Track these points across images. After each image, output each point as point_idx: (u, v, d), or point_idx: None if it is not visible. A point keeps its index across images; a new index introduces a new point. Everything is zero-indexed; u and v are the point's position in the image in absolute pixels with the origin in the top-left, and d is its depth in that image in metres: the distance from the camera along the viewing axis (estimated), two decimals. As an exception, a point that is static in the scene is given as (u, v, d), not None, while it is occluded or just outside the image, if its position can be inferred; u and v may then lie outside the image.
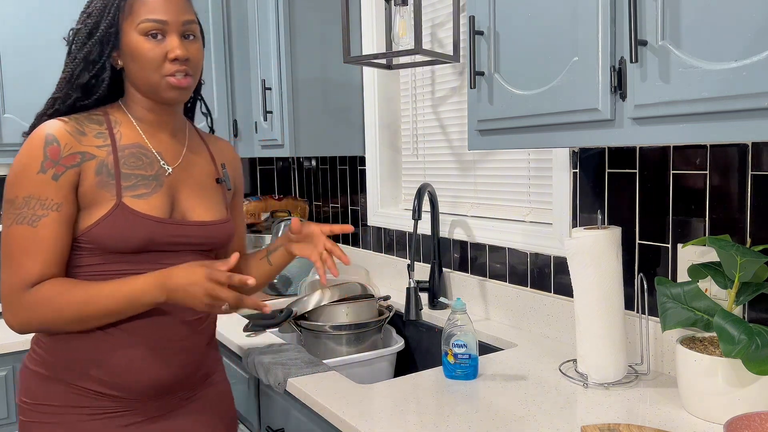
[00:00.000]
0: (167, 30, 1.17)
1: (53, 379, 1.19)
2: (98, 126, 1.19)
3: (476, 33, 1.30)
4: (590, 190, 1.52)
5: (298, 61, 2.19)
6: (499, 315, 1.80)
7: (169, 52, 1.17)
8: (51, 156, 1.12)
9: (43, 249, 1.12)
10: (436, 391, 1.30)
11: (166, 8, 1.17)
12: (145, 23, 1.15)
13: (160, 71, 1.17)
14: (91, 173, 1.15)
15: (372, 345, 1.83)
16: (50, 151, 1.12)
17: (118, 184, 1.16)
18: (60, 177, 1.12)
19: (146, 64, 1.17)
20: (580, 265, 1.30)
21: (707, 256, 1.27)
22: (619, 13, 1.02)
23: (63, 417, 1.19)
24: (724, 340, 1.04)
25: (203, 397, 1.33)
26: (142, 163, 1.21)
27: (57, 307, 1.11)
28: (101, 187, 1.15)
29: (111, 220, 1.14)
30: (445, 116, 2.07)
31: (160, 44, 1.17)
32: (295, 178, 2.99)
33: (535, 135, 1.21)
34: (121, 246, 1.15)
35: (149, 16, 1.16)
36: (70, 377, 1.19)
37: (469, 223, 1.90)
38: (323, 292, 1.83)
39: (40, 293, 1.11)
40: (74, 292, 1.12)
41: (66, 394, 1.19)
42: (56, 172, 1.12)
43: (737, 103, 0.86)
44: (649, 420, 1.14)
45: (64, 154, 1.13)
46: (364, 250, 2.43)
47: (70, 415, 1.19)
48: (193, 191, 1.27)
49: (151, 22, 1.16)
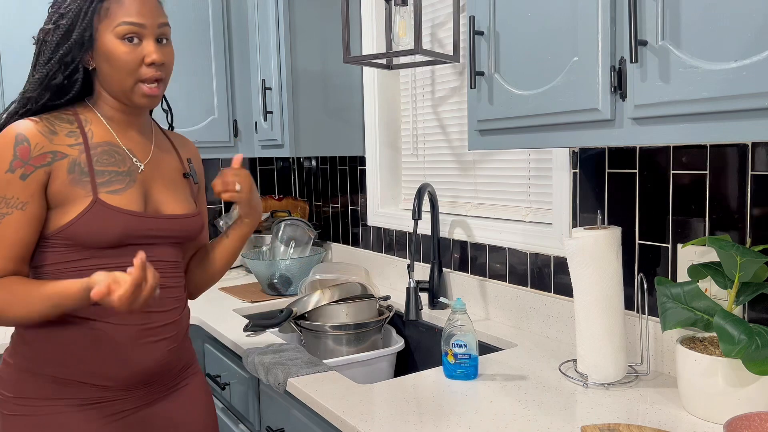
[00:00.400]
0: (144, 34, 1.17)
1: (37, 373, 1.20)
2: (69, 125, 1.20)
3: (476, 33, 1.30)
4: (590, 190, 1.52)
5: (298, 61, 2.19)
6: (499, 315, 1.81)
7: (145, 57, 1.17)
8: (20, 155, 1.13)
9: (4, 245, 1.13)
10: (436, 391, 1.30)
11: (143, 11, 1.17)
12: (122, 26, 1.16)
13: (135, 75, 1.18)
14: (63, 172, 1.16)
15: (372, 345, 1.83)
16: (20, 151, 1.13)
17: (93, 181, 1.17)
18: (28, 176, 1.13)
19: (122, 67, 1.17)
20: (580, 265, 1.30)
21: (707, 256, 1.27)
22: (619, 13, 1.02)
23: (48, 408, 1.20)
24: (724, 340, 1.04)
25: (185, 386, 1.35)
26: (115, 160, 1.22)
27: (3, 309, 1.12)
28: (75, 185, 1.16)
29: (89, 216, 1.15)
30: (445, 116, 2.07)
31: (136, 48, 1.17)
32: (295, 178, 2.99)
33: (535, 135, 1.21)
34: (100, 241, 1.17)
35: (126, 18, 1.16)
36: (55, 370, 1.19)
37: (469, 223, 1.90)
38: (323, 292, 1.83)
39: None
40: (19, 297, 1.12)
41: (51, 386, 1.20)
42: (24, 172, 1.13)
43: (737, 103, 0.86)
44: (649, 420, 1.14)
45: (34, 153, 1.14)
46: (364, 250, 2.43)
47: (56, 406, 1.20)
48: (165, 186, 1.29)
49: (128, 25, 1.16)
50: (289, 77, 2.18)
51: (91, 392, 1.21)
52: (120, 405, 1.24)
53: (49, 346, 1.19)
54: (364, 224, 2.43)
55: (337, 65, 2.28)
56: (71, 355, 1.19)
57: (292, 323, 1.86)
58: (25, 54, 2.10)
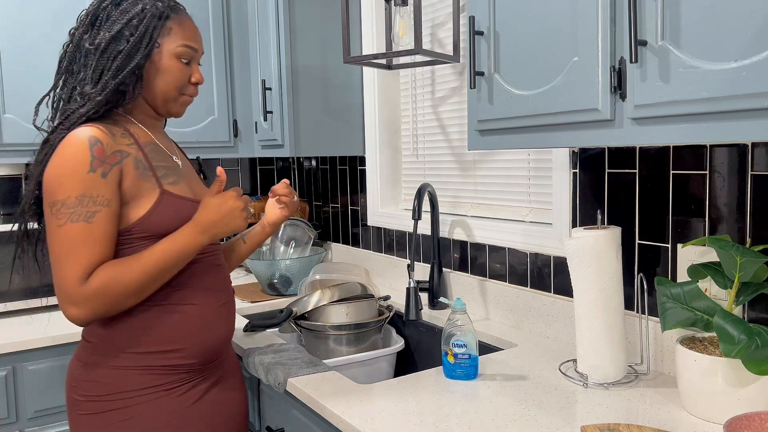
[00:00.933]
0: (194, 57, 1.34)
1: (127, 366, 1.27)
2: (118, 128, 1.28)
3: (476, 33, 1.30)
4: (590, 190, 1.52)
5: (298, 61, 2.19)
6: (499, 315, 1.81)
7: (192, 77, 1.35)
8: (98, 155, 1.20)
9: (99, 242, 1.20)
10: (436, 391, 1.30)
11: (197, 38, 1.35)
12: (182, 48, 1.31)
13: (181, 90, 1.34)
14: (131, 168, 1.25)
15: (372, 345, 1.83)
16: (96, 151, 1.20)
17: (155, 175, 1.28)
18: (108, 174, 1.21)
19: (174, 82, 1.32)
20: (580, 265, 1.30)
21: (707, 256, 1.27)
22: (619, 13, 1.02)
23: (142, 398, 1.28)
24: (724, 340, 1.04)
25: (231, 358, 1.47)
26: (162, 156, 1.34)
27: (119, 284, 1.19)
28: (142, 180, 1.26)
29: (162, 206, 1.26)
30: (445, 116, 2.07)
31: (186, 68, 1.33)
32: (295, 178, 2.99)
33: (535, 135, 1.21)
34: (172, 228, 1.27)
35: (187, 42, 1.32)
36: (142, 360, 1.28)
37: (469, 223, 1.90)
38: (323, 292, 1.83)
39: (98, 280, 1.18)
40: (128, 265, 1.21)
41: (140, 377, 1.28)
42: (104, 170, 1.20)
43: (737, 103, 0.86)
44: (648, 420, 1.14)
45: (108, 152, 1.21)
46: (364, 250, 2.43)
47: (148, 395, 1.28)
48: (194, 180, 1.42)
49: (187, 48, 1.32)
50: (289, 77, 2.18)
51: (178, 375, 1.31)
52: (201, 383, 1.35)
53: (140, 337, 1.27)
54: (364, 224, 2.43)
55: (337, 65, 2.28)
56: (163, 340, 1.28)
57: (292, 323, 1.86)
58: (24, 54, 2.10)
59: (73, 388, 1.31)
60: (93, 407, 1.28)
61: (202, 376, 1.36)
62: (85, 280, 1.18)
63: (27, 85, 2.11)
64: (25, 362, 1.82)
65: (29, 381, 1.83)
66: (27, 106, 2.11)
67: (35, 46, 2.12)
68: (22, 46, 2.10)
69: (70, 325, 1.93)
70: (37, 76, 2.12)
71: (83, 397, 1.29)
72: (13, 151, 2.12)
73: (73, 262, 1.17)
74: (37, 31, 2.12)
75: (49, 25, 2.13)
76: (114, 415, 1.27)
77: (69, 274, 1.17)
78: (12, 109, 2.10)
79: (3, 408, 1.80)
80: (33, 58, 2.11)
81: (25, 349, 1.81)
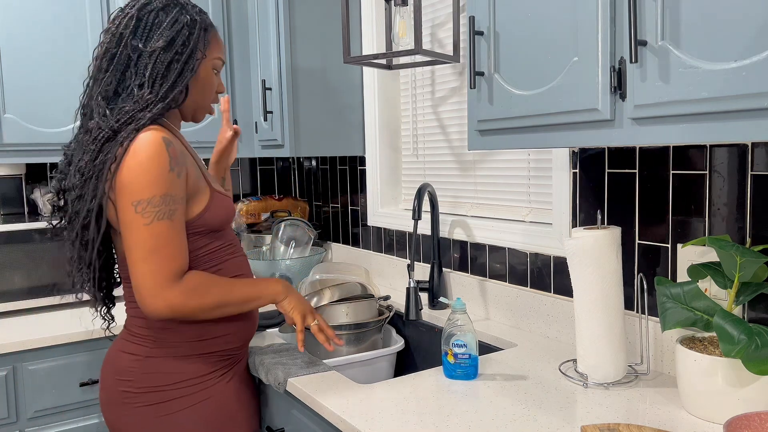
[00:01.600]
0: (221, 69, 1.43)
1: (185, 356, 1.37)
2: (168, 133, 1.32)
3: (476, 33, 1.30)
4: (590, 190, 1.52)
5: (298, 61, 2.19)
6: (499, 315, 1.81)
7: (218, 87, 1.43)
8: (173, 156, 1.27)
9: (182, 238, 1.28)
10: (436, 391, 1.30)
11: (224, 50, 1.45)
12: (217, 61, 1.40)
13: (212, 99, 1.43)
14: (193, 169, 1.34)
15: (372, 345, 1.83)
16: (172, 152, 1.26)
17: (204, 175, 1.39)
18: (181, 174, 1.29)
19: (210, 92, 1.41)
20: (580, 265, 1.30)
21: (707, 256, 1.27)
22: (619, 13, 1.02)
23: (200, 386, 1.38)
24: (724, 340, 1.04)
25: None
26: (197, 159, 1.42)
27: (205, 293, 1.28)
28: (198, 179, 1.35)
29: (215, 204, 1.37)
30: (445, 116, 2.07)
31: (217, 78, 1.43)
32: (295, 178, 2.99)
33: (535, 135, 1.21)
34: (221, 224, 1.39)
35: (221, 55, 1.41)
36: (199, 347, 1.37)
37: (469, 223, 1.90)
38: (323, 292, 1.83)
39: (191, 281, 1.27)
40: (217, 281, 1.32)
41: (197, 364, 1.37)
42: (179, 171, 1.28)
43: (737, 103, 0.86)
44: (648, 420, 1.14)
45: (178, 153, 1.28)
46: (364, 250, 2.43)
47: (206, 381, 1.39)
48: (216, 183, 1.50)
49: (220, 61, 1.41)
50: (289, 77, 2.18)
51: (225, 362, 1.43)
52: (236, 367, 1.46)
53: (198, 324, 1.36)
54: (364, 224, 2.43)
55: (337, 65, 2.28)
56: (217, 326, 1.38)
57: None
58: (25, 54, 2.10)
59: (125, 382, 1.36)
60: (154, 398, 1.35)
61: (238, 361, 1.48)
62: (181, 277, 1.26)
63: (27, 85, 2.11)
64: (25, 362, 1.82)
65: (29, 381, 1.83)
66: (27, 106, 2.12)
67: (35, 46, 2.12)
68: (23, 45, 2.10)
69: (70, 325, 1.93)
70: (38, 76, 2.12)
71: (143, 389, 1.35)
72: (13, 151, 2.12)
73: (164, 257, 1.24)
74: (37, 30, 2.12)
75: (49, 25, 2.13)
76: (176, 404, 1.35)
77: (156, 269, 1.23)
78: (12, 109, 2.10)
79: (3, 408, 1.80)
80: (33, 58, 2.11)
81: (25, 349, 1.81)
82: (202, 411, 1.38)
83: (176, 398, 1.36)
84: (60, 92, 2.16)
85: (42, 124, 2.14)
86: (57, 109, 2.16)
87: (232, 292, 1.33)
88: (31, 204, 2.46)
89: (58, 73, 2.16)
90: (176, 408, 1.36)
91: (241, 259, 1.48)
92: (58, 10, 2.14)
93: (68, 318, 2.01)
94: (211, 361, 1.40)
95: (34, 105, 2.13)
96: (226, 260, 1.42)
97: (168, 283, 1.24)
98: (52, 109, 2.15)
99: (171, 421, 1.36)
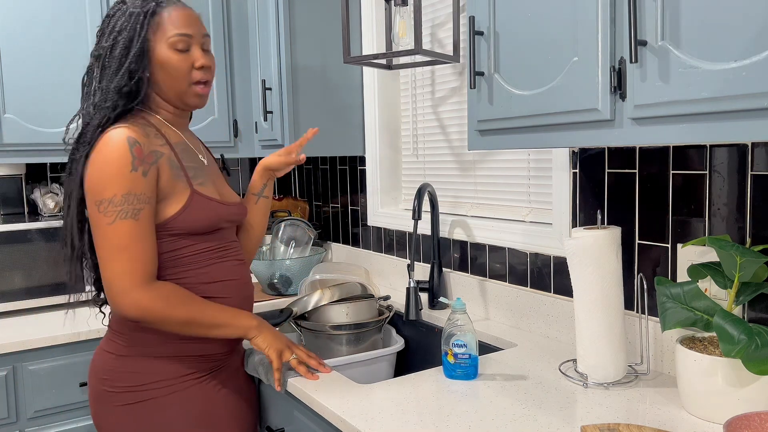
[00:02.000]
0: (191, 42, 1.35)
1: (159, 356, 1.35)
2: (150, 128, 1.34)
3: (476, 33, 1.30)
4: (590, 190, 1.52)
5: (298, 61, 2.19)
6: (499, 315, 1.81)
7: (195, 62, 1.35)
8: (137, 155, 1.26)
9: (148, 237, 1.27)
10: (436, 391, 1.30)
11: (189, 23, 1.34)
12: (174, 38, 1.32)
13: (188, 79, 1.35)
14: (166, 167, 1.31)
15: (372, 345, 1.83)
16: (136, 151, 1.26)
17: (186, 175, 1.34)
18: (147, 173, 1.27)
19: (176, 73, 1.33)
20: (580, 265, 1.30)
21: (707, 256, 1.27)
22: (619, 13, 1.02)
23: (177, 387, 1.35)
24: (724, 340, 1.04)
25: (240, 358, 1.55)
26: (191, 156, 1.39)
27: (176, 305, 1.27)
28: (176, 179, 1.32)
29: (192, 206, 1.32)
30: (445, 116, 2.07)
31: (186, 56, 1.34)
32: (295, 178, 2.99)
33: (535, 135, 1.21)
34: (202, 227, 1.35)
35: (177, 31, 1.32)
36: (177, 348, 1.35)
37: (469, 223, 1.90)
38: (323, 292, 1.83)
39: (164, 289, 1.28)
40: (192, 298, 1.30)
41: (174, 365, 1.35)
42: (144, 169, 1.26)
43: (737, 103, 0.86)
44: (648, 420, 1.14)
45: (146, 152, 1.28)
46: (364, 250, 2.43)
47: (184, 383, 1.36)
48: (219, 178, 1.48)
49: (179, 36, 1.33)
50: (289, 77, 2.18)
51: (207, 364, 1.39)
52: (223, 372, 1.43)
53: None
54: (364, 224, 2.43)
55: (337, 65, 2.28)
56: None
57: (292, 323, 1.86)
58: (25, 54, 2.10)
59: (104, 381, 1.36)
60: (130, 398, 1.33)
61: (225, 364, 1.44)
62: (152, 278, 1.27)
63: (27, 85, 2.11)
64: (25, 362, 1.82)
65: (29, 381, 1.83)
66: (27, 106, 2.12)
67: (35, 46, 2.12)
68: (23, 45, 2.10)
69: (70, 325, 1.93)
70: (38, 76, 2.13)
71: (119, 389, 1.34)
72: (13, 151, 2.12)
73: (128, 257, 1.24)
74: (37, 30, 2.12)
75: (49, 24, 2.13)
76: (152, 404, 1.33)
77: (125, 268, 1.24)
78: (12, 109, 2.10)
79: (3, 408, 1.80)
80: (33, 58, 2.12)
81: (25, 349, 1.81)
82: (177, 413, 1.35)
83: (151, 399, 1.34)
84: (60, 92, 2.16)
85: (42, 124, 2.14)
86: (57, 109, 2.16)
87: (203, 312, 1.30)
88: (31, 204, 2.46)
89: (58, 73, 2.16)
90: (151, 408, 1.34)
91: (233, 263, 1.43)
92: (58, 10, 2.14)
93: (68, 318, 2.00)
94: (188, 364, 1.37)
95: (34, 105, 2.13)
96: (212, 264, 1.38)
97: (136, 283, 1.24)
98: (52, 109, 2.15)
99: (147, 421, 1.34)
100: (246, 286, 1.47)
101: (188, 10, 1.37)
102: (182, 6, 1.37)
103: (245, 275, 1.47)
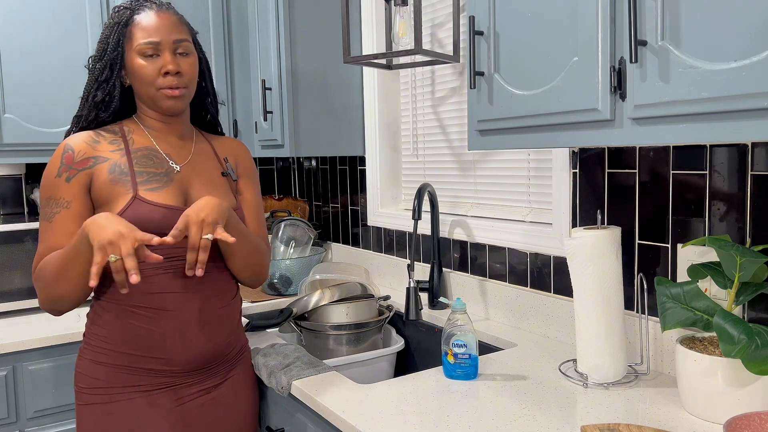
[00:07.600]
0: (160, 49, 1.36)
1: (111, 364, 1.36)
2: (113, 135, 1.40)
3: (476, 33, 1.30)
4: (590, 190, 1.52)
5: (298, 61, 2.19)
6: (499, 315, 1.81)
7: (162, 68, 1.35)
8: (66, 162, 1.34)
9: (53, 238, 1.32)
10: (436, 391, 1.30)
11: (159, 30, 1.35)
12: (140, 46, 1.35)
13: (156, 84, 1.36)
14: (104, 173, 1.34)
15: (372, 345, 1.83)
16: (66, 158, 1.34)
17: (133, 180, 1.35)
18: (72, 179, 1.33)
19: (143, 79, 1.36)
20: (580, 265, 1.30)
21: (707, 256, 1.27)
22: (619, 13, 1.02)
23: (122, 396, 1.35)
24: (724, 340, 1.04)
25: (240, 372, 1.50)
26: (153, 162, 1.40)
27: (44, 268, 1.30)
28: (115, 184, 1.34)
29: (131, 210, 1.32)
30: (445, 116, 2.07)
31: (154, 62, 1.36)
32: (295, 178, 2.99)
33: (535, 135, 1.21)
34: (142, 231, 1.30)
35: (144, 39, 1.35)
36: (127, 359, 1.35)
37: (469, 223, 1.90)
38: (323, 292, 1.83)
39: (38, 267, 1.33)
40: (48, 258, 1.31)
41: (124, 375, 1.35)
42: (69, 175, 1.33)
43: (737, 103, 0.86)
44: (648, 420, 1.14)
45: (77, 159, 1.34)
46: (364, 250, 2.43)
47: (128, 393, 1.36)
48: (204, 185, 1.44)
49: (145, 44, 1.35)
50: (289, 77, 2.18)
51: (159, 378, 1.37)
52: (185, 390, 1.40)
53: (120, 338, 1.35)
54: (364, 224, 2.43)
55: (337, 65, 2.28)
56: (141, 344, 1.35)
57: (292, 323, 1.86)
58: (24, 54, 2.10)
59: (74, 379, 1.42)
60: (84, 399, 1.38)
61: (185, 383, 1.40)
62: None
63: (27, 85, 2.11)
64: (25, 362, 1.82)
65: (29, 381, 1.83)
66: (27, 106, 2.12)
67: (35, 46, 2.12)
68: (22, 45, 2.10)
69: (70, 325, 1.93)
70: (38, 76, 2.13)
71: (78, 388, 1.39)
72: (13, 151, 2.12)
73: (37, 253, 1.35)
74: (37, 31, 2.12)
75: (49, 25, 2.13)
76: (99, 408, 1.36)
77: (36, 256, 1.35)
78: (12, 109, 2.10)
79: (3, 408, 1.80)
80: (33, 58, 2.12)
81: (25, 349, 1.81)
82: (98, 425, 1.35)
83: (88, 404, 1.37)
84: (60, 92, 2.16)
85: (42, 124, 2.14)
86: (57, 109, 2.16)
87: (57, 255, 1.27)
88: (31, 204, 2.46)
89: (58, 73, 2.16)
90: (85, 414, 1.37)
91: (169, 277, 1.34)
92: (57, 10, 2.14)
93: (68, 318, 2.01)
94: (115, 374, 1.35)
95: (34, 105, 2.13)
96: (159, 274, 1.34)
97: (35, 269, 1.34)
98: (52, 109, 2.15)
99: (84, 425, 1.37)
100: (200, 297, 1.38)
101: (162, 15, 1.36)
102: (156, 11, 1.36)
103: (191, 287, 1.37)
